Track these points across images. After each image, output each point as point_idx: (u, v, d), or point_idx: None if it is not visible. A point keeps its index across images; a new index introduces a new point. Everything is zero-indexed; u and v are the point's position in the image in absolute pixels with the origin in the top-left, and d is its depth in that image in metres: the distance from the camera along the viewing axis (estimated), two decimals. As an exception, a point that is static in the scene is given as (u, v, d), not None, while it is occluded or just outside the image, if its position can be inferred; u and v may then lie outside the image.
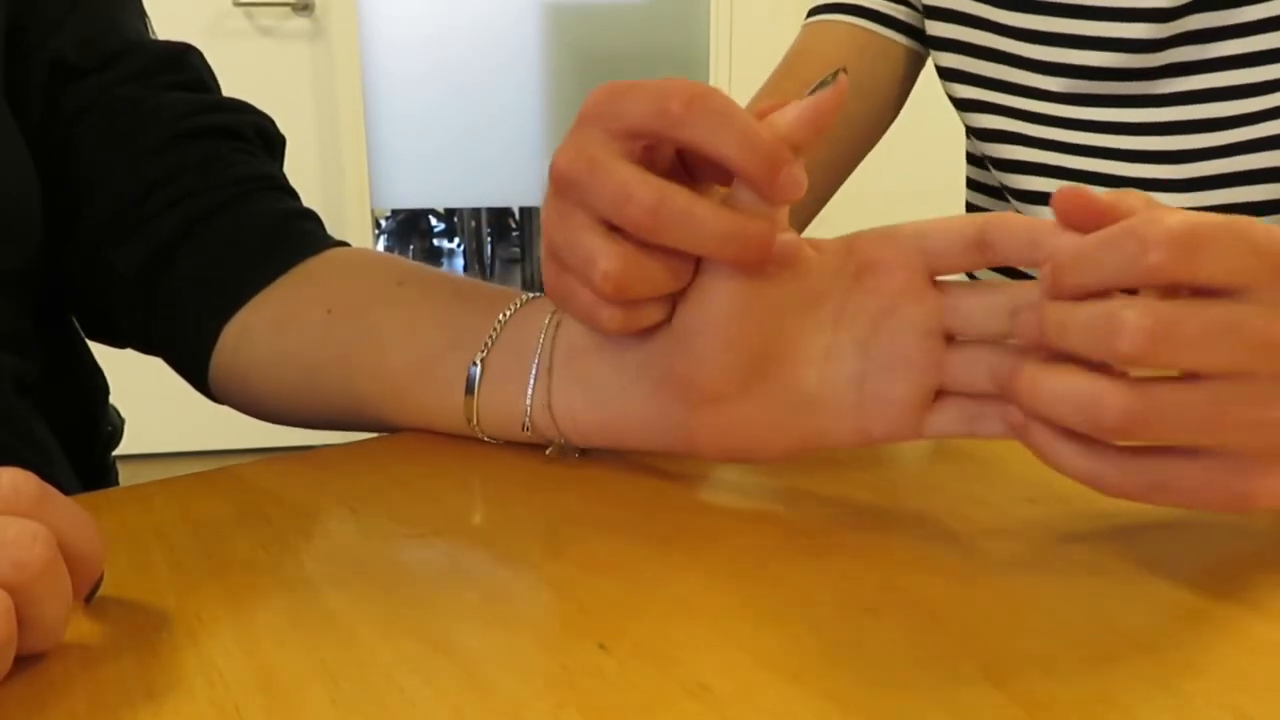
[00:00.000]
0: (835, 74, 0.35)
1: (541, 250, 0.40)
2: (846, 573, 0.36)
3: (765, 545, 0.38)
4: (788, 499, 0.42)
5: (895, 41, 0.77)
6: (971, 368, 0.37)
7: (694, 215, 0.35)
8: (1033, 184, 0.71)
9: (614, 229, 0.36)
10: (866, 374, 0.38)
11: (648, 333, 0.40)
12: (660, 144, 0.37)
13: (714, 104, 0.34)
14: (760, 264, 0.37)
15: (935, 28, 0.74)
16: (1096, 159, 0.68)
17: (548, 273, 0.39)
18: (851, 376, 0.38)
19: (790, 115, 0.35)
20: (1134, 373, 0.31)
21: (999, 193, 0.76)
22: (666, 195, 0.35)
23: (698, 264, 0.38)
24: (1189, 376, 0.31)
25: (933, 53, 0.76)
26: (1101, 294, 0.31)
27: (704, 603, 0.34)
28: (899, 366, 0.38)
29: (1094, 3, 0.66)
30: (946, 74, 0.75)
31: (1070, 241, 0.33)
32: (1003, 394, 0.37)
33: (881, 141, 0.81)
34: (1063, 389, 0.32)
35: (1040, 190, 0.71)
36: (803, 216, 0.77)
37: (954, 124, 0.78)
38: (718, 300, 0.38)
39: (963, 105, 0.74)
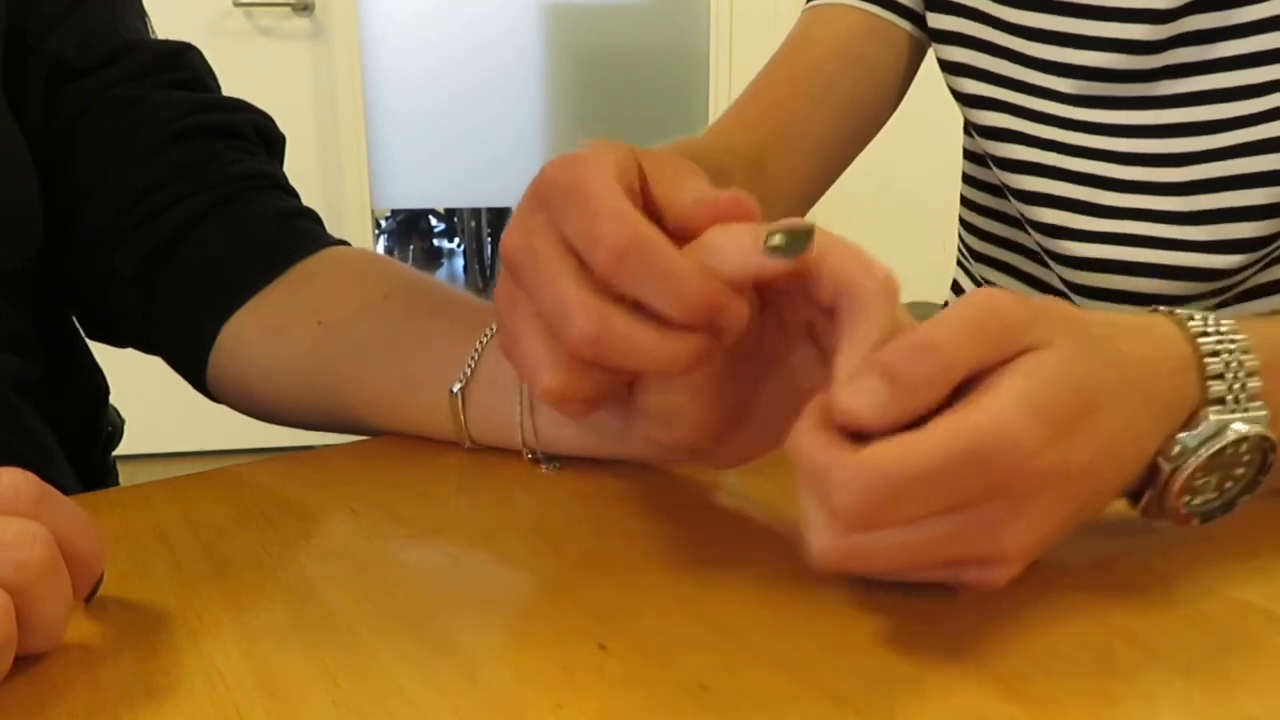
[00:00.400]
0: (804, 234, 0.33)
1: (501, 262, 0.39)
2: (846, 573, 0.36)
3: (766, 545, 0.38)
4: (788, 499, 0.42)
5: (899, 26, 0.76)
6: None
7: (633, 342, 0.33)
8: (1034, 185, 0.71)
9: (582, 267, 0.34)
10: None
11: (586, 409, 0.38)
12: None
13: (642, 260, 0.32)
14: (705, 365, 0.35)
15: (937, 20, 0.74)
16: (1097, 161, 0.68)
17: (502, 294, 0.37)
18: (820, 376, 0.37)
19: (735, 262, 0.33)
20: None
21: (998, 190, 0.76)
22: (605, 325, 0.33)
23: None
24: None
25: (936, 46, 0.75)
26: None
27: (704, 603, 0.34)
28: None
29: (1095, 2, 0.66)
30: (951, 68, 0.74)
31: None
32: None
33: (883, 132, 0.81)
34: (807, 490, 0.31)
35: (1041, 191, 0.70)
36: (802, 205, 0.77)
37: (950, 120, 0.78)
38: (678, 384, 0.36)
39: (968, 101, 0.74)
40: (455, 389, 0.45)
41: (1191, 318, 0.35)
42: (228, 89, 0.60)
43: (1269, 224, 0.63)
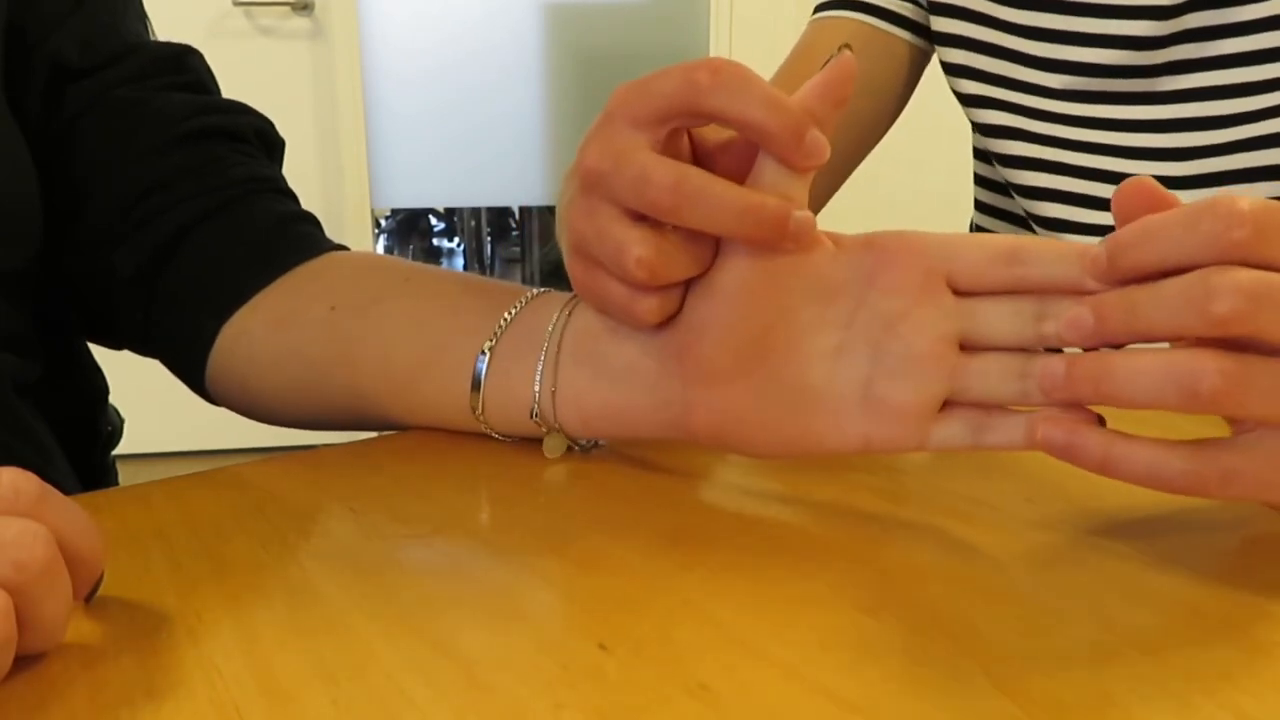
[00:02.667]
0: (839, 49, 0.37)
1: (566, 249, 0.41)
2: (846, 573, 0.36)
3: (765, 545, 0.38)
4: (788, 499, 0.42)
5: (900, 38, 0.77)
6: (987, 376, 0.37)
7: (712, 192, 0.36)
8: (1036, 180, 0.71)
9: (639, 218, 0.37)
10: (874, 377, 0.38)
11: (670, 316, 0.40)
12: (683, 127, 0.38)
13: (739, 72, 0.35)
14: (777, 241, 0.37)
15: (941, 23, 0.74)
16: (1099, 155, 0.68)
17: (575, 270, 0.40)
18: (858, 378, 0.38)
19: (805, 90, 0.36)
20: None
21: (1006, 189, 0.76)
22: (684, 175, 0.36)
23: (716, 248, 0.39)
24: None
25: (938, 48, 0.76)
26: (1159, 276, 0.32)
27: (704, 603, 0.34)
28: (909, 371, 0.37)
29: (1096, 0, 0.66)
30: (952, 70, 0.75)
31: (1143, 220, 0.33)
32: (1032, 397, 0.36)
33: (887, 138, 0.81)
34: (1148, 363, 0.31)
35: (1044, 186, 0.71)
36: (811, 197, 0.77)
37: (962, 120, 0.78)
38: (730, 276, 0.38)
39: (968, 101, 0.74)
40: (486, 347, 0.45)
41: None
42: (227, 89, 0.60)
43: None
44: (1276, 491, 0.33)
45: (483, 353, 0.45)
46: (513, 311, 0.45)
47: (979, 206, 0.83)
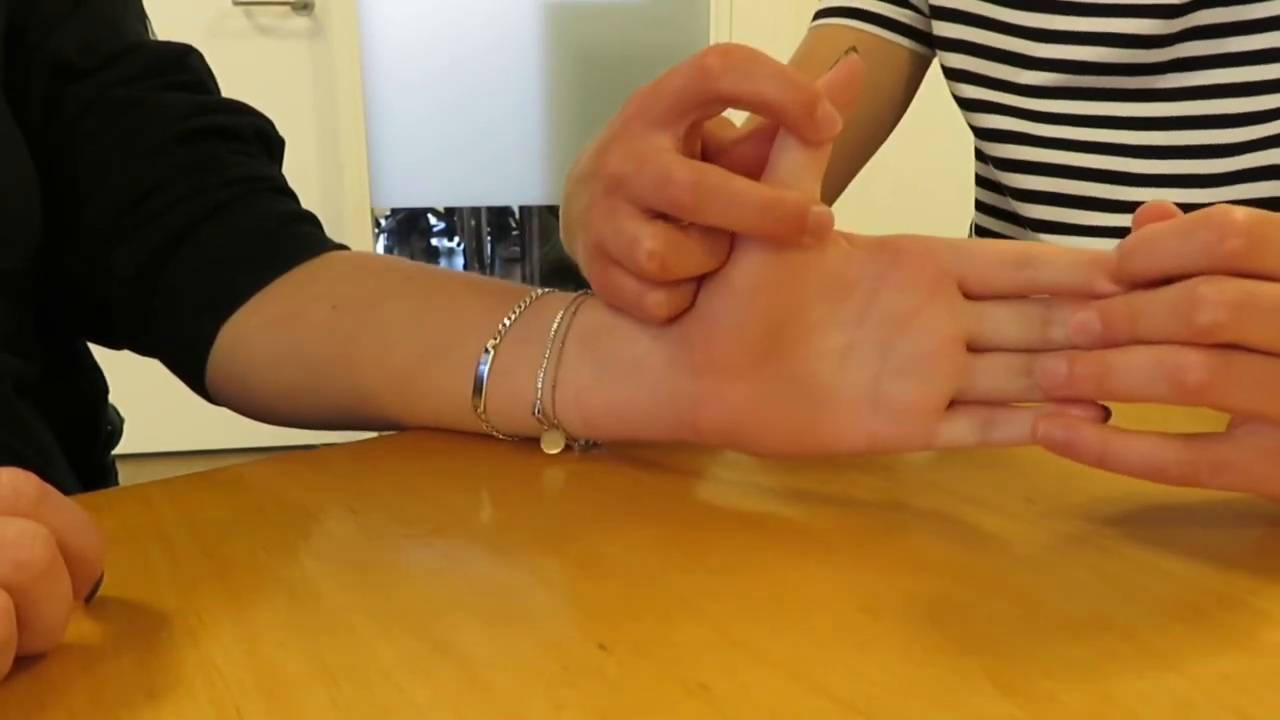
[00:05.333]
0: (846, 52, 0.37)
1: (584, 251, 0.41)
2: (846, 573, 0.36)
3: (765, 545, 0.38)
4: (788, 499, 0.42)
5: (899, 45, 0.77)
6: (994, 373, 0.38)
7: (732, 189, 0.36)
8: (1034, 183, 0.71)
9: (657, 215, 0.38)
10: (882, 376, 0.38)
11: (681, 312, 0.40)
12: (700, 119, 0.38)
13: (747, 53, 0.36)
14: (796, 235, 0.37)
15: (941, 28, 0.74)
16: (1099, 155, 0.68)
17: (593, 270, 0.41)
18: (867, 376, 0.39)
19: (818, 84, 0.37)
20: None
21: (1003, 191, 0.76)
22: (704, 172, 0.36)
23: (731, 245, 0.39)
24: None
25: (939, 53, 0.76)
26: (1164, 282, 0.33)
27: (704, 603, 0.34)
28: (917, 369, 0.38)
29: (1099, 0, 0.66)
30: (952, 74, 0.75)
31: (1140, 231, 0.34)
32: (1037, 394, 0.37)
33: (889, 143, 0.81)
34: (1141, 359, 0.33)
35: (1042, 190, 0.71)
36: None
37: (960, 124, 0.78)
38: (744, 271, 0.38)
39: (967, 105, 0.74)
40: (491, 344, 0.45)
41: None
42: (227, 88, 0.60)
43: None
44: (1268, 483, 0.34)
45: (486, 350, 0.45)
46: (517, 310, 0.45)
47: (980, 207, 0.83)
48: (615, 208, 0.38)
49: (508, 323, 0.45)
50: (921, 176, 2.30)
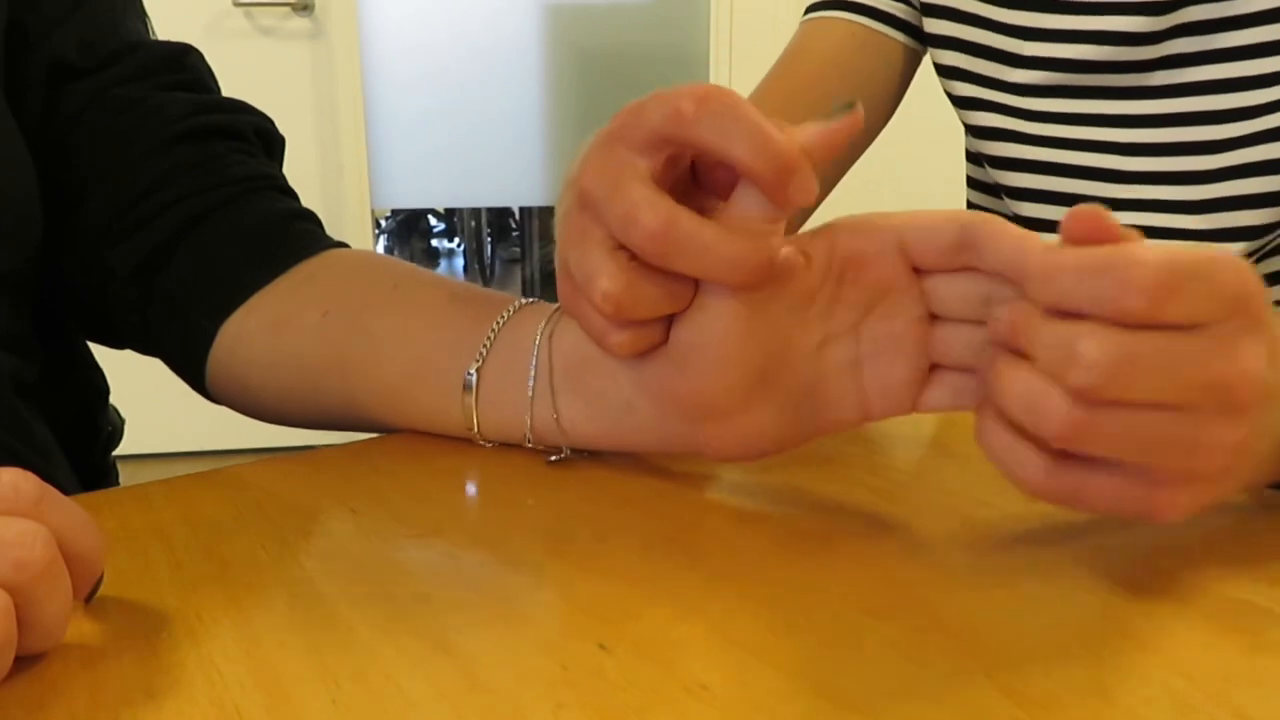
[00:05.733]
0: (851, 104, 0.35)
1: (556, 264, 0.40)
2: (846, 573, 0.36)
3: (765, 545, 0.38)
4: (788, 499, 0.42)
5: (893, 39, 0.77)
6: (954, 344, 0.38)
7: (699, 241, 0.35)
8: (1026, 181, 0.71)
9: (622, 247, 0.36)
10: (861, 359, 0.39)
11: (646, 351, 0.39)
12: (679, 154, 0.37)
13: (725, 103, 0.34)
14: (763, 285, 0.37)
15: (933, 25, 0.74)
16: (1090, 153, 0.68)
17: (562, 288, 0.39)
18: (846, 362, 0.39)
19: (804, 134, 0.35)
20: None
21: (997, 191, 0.76)
22: (673, 220, 0.34)
23: (696, 284, 0.38)
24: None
25: (931, 50, 0.76)
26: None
27: (704, 603, 0.34)
28: (891, 349, 0.38)
29: None
30: (945, 71, 0.75)
31: (1048, 257, 0.32)
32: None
33: (880, 139, 0.81)
34: (1019, 387, 0.33)
35: (1034, 188, 0.71)
36: (798, 216, 0.77)
37: (955, 122, 0.78)
38: (716, 319, 0.37)
39: (960, 103, 0.75)
40: (472, 370, 0.45)
41: None
42: (227, 89, 0.60)
43: (1270, 212, 0.63)
44: (1111, 511, 0.34)
45: (470, 374, 0.45)
46: (496, 326, 0.45)
47: (970, 207, 0.83)
48: (584, 230, 0.37)
49: (487, 345, 0.45)
50: (911, 177, 2.29)
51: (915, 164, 2.13)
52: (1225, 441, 0.32)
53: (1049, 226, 0.70)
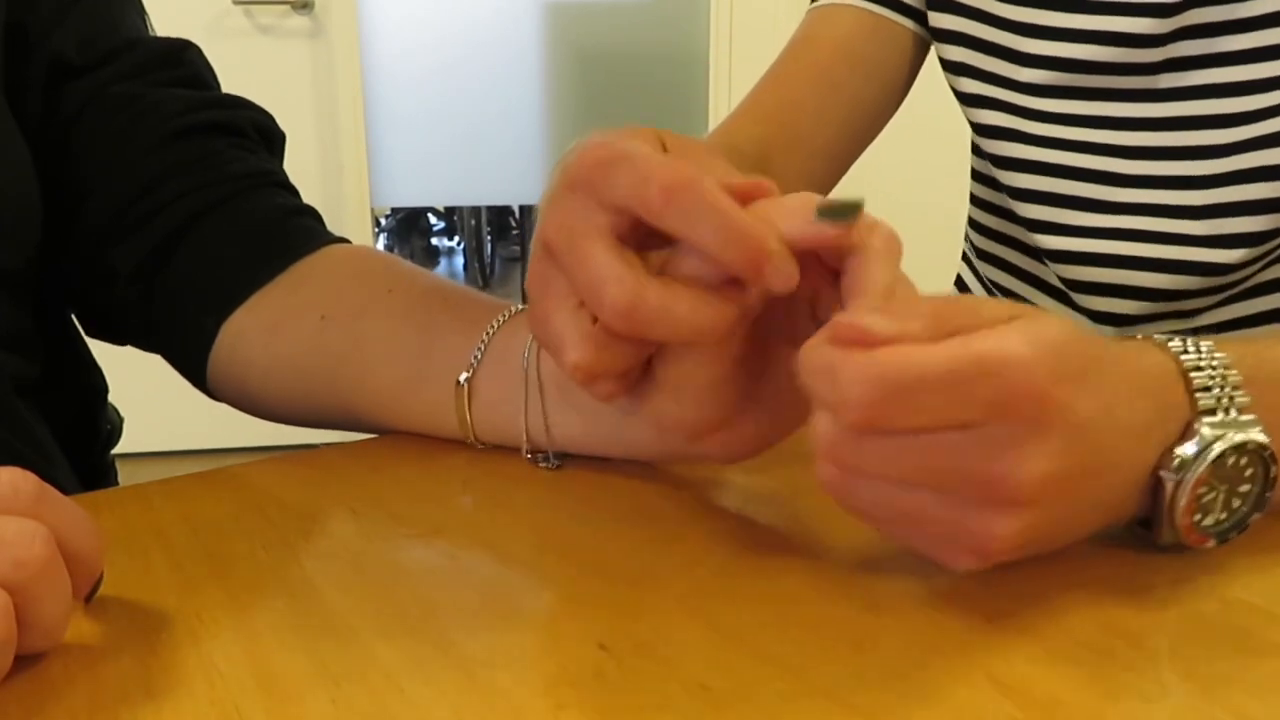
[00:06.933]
0: (856, 207, 0.34)
1: (528, 285, 0.40)
2: (847, 572, 0.36)
3: (765, 545, 0.38)
4: (787, 498, 0.42)
5: (902, 25, 0.76)
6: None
7: (669, 314, 0.34)
8: (1028, 182, 0.71)
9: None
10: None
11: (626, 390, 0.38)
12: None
13: (693, 196, 0.33)
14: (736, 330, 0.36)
15: (938, 19, 0.74)
16: (1093, 155, 0.68)
17: (532, 324, 0.38)
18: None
19: (791, 226, 0.34)
20: None
21: (1000, 186, 0.76)
22: (640, 296, 0.33)
23: None
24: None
25: (937, 45, 0.76)
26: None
27: (704, 603, 0.34)
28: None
29: None
30: (952, 67, 0.75)
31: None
32: None
33: (885, 132, 0.81)
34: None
35: (1036, 189, 0.70)
36: None
37: (957, 117, 0.78)
38: (698, 356, 0.36)
39: (966, 100, 0.74)
40: (463, 379, 0.45)
41: (1170, 339, 0.35)
42: (227, 87, 0.60)
43: (1272, 218, 0.63)
44: (931, 546, 0.33)
45: (459, 384, 0.45)
46: (487, 335, 0.45)
47: (974, 201, 0.83)
48: (546, 283, 0.36)
49: (479, 354, 0.45)
50: (915, 170, 2.29)
51: (918, 160, 2.13)
52: (997, 531, 0.31)
53: (1049, 228, 0.70)
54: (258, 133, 0.58)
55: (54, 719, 0.29)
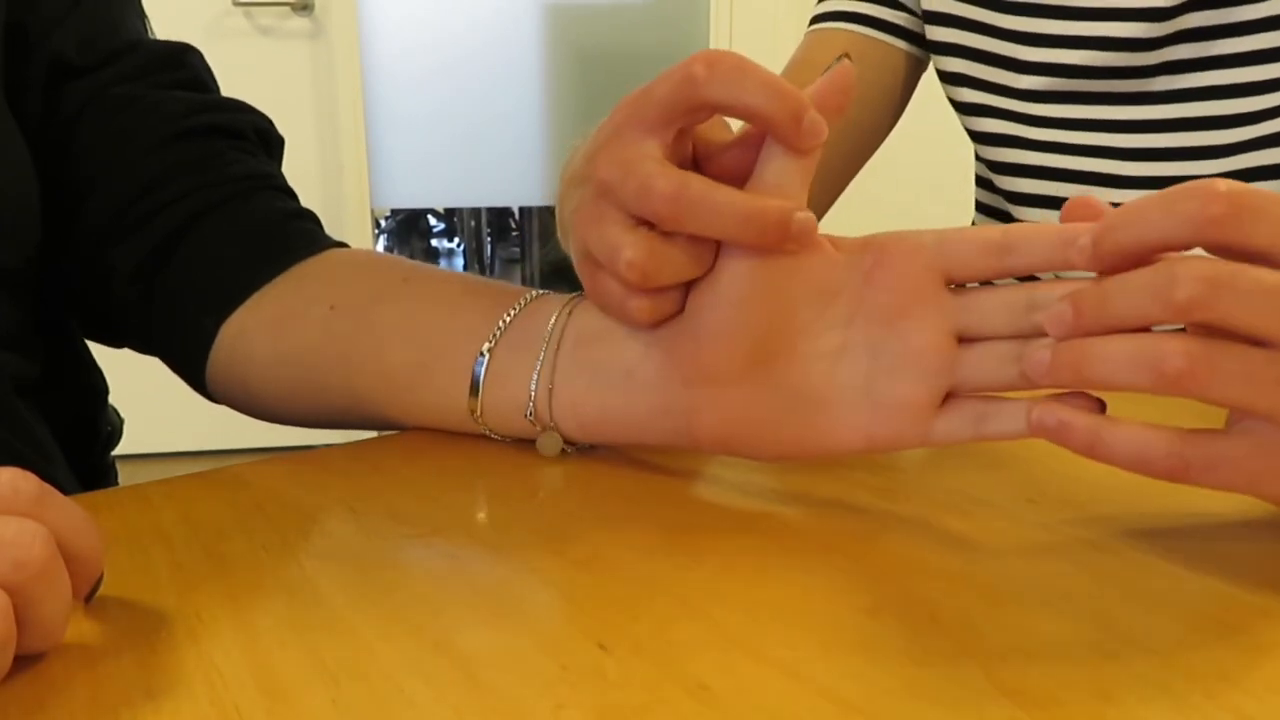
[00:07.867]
0: (839, 58, 0.38)
1: (575, 254, 0.41)
2: (846, 573, 0.36)
3: (765, 545, 0.38)
4: (788, 499, 0.42)
5: (895, 47, 0.77)
6: (984, 364, 0.37)
7: (713, 200, 0.36)
8: (1028, 186, 0.71)
9: (642, 223, 0.38)
10: (875, 375, 0.38)
11: (665, 319, 0.40)
12: (689, 126, 0.38)
13: (734, 61, 0.36)
14: (779, 244, 0.37)
15: (935, 32, 0.74)
16: (1092, 158, 0.68)
17: (582, 274, 0.41)
18: (860, 377, 0.38)
19: (808, 93, 0.37)
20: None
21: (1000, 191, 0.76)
22: (685, 184, 0.36)
23: (717, 250, 0.39)
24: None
25: (935, 57, 0.76)
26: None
27: (704, 603, 0.34)
28: (909, 367, 0.38)
29: (1089, 4, 0.66)
30: (949, 78, 0.75)
31: (1113, 216, 0.34)
32: (1027, 382, 0.36)
33: (889, 144, 0.81)
34: (1118, 347, 0.32)
35: (1036, 193, 0.71)
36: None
37: (957, 128, 0.78)
38: (731, 280, 0.38)
39: (964, 109, 0.75)
40: (485, 348, 0.45)
41: None
42: (227, 88, 0.60)
43: None
44: (1261, 482, 0.34)
45: (481, 354, 0.45)
46: (512, 312, 0.45)
47: (979, 208, 0.83)
48: (601, 213, 0.38)
49: (503, 325, 0.45)
50: (921, 178, 2.29)
51: (923, 167, 2.13)
52: None
53: None
54: (257, 136, 0.59)
55: (54, 719, 0.29)
